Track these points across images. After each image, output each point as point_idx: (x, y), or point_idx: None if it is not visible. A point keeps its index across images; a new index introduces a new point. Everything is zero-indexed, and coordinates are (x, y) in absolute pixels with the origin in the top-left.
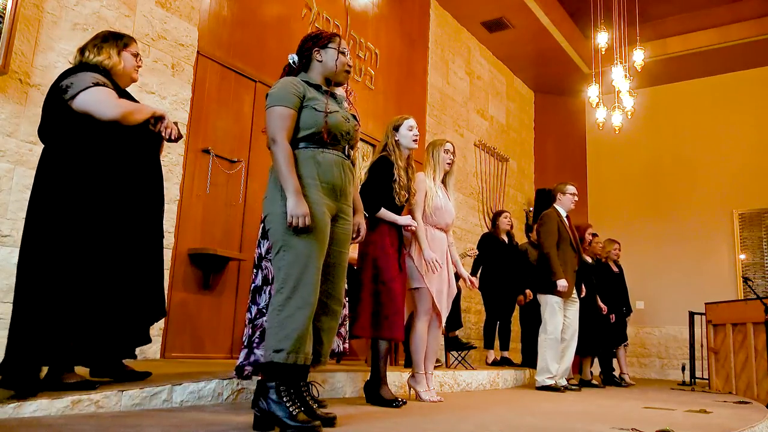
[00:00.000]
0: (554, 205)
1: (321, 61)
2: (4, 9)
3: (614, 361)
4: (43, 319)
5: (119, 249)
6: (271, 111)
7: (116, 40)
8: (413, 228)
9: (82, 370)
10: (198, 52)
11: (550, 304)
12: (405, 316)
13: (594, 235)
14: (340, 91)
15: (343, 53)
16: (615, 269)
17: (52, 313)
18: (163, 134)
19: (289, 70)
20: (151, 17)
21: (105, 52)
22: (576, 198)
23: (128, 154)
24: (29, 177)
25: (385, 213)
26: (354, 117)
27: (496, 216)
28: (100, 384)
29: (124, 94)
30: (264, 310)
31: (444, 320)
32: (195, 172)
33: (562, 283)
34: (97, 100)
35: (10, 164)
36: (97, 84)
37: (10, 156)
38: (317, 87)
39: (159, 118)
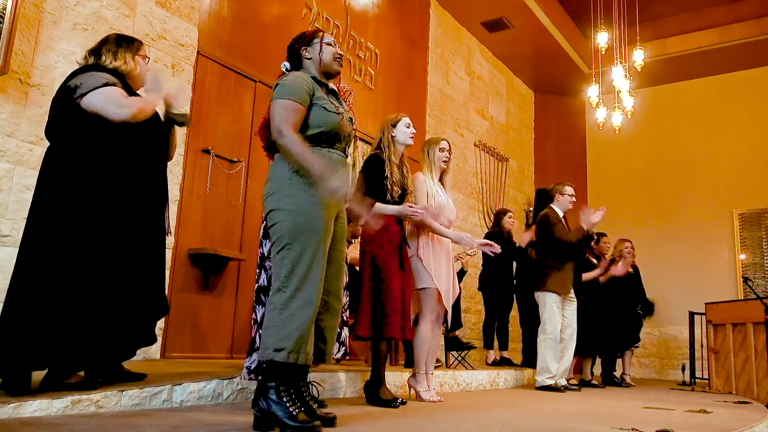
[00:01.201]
0: (551, 205)
1: (311, 58)
2: (4, 9)
3: (617, 360)
4: (36, 319)
5: (121, 250)
6: (277, 103)
7: (129, 44)
8: (419, 214)
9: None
10: (198, 52)
11: (548, 303)
12: (411, 315)
13: (602, 234)
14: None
15: (329, 44)
16: (630, 269)
17: (47, 313)
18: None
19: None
20: (151, 17)
21: (121, 58)
22: (574, 199)
23: (134, 153)
24: (29, 177)
25: (381, 207)
26: (350, 119)
27: (500, 214)
28: (100, 384)
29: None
30: None
31: (450, 319)
32: (195, 172)
33: (589, 219)
34: (106, 99)
35: (10, 164)
36: (107, 84)
37: (10, 156)
38: (323, 85)
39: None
